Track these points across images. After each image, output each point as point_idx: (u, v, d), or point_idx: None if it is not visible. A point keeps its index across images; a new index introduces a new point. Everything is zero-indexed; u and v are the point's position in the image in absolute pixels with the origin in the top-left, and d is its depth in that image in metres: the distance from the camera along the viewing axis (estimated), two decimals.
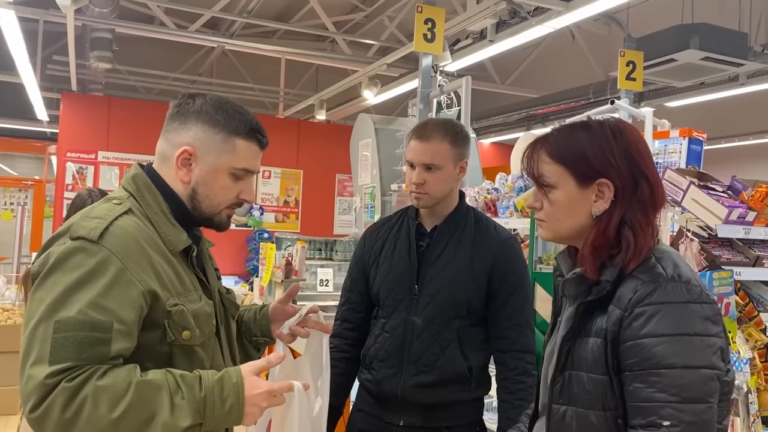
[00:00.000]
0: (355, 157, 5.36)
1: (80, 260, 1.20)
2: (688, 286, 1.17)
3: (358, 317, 2.08)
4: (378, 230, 2.10)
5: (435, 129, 1.94)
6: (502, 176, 3.31)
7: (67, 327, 1.15)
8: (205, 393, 1.21)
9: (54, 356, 1.13)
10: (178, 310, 1.30)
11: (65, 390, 1.12)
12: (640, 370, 1.15)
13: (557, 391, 1.26)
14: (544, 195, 1.29)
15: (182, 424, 1.18)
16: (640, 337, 1.15)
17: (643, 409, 1.14)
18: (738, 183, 2.52)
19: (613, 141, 1.25)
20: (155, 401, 1.17)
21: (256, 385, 1.26)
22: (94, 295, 1.18)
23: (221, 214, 1.42)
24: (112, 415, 1.13)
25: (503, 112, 8.87)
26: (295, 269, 4.77)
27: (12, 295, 4.59)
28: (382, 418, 1.97)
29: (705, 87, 6.53)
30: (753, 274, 2.31)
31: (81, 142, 8.36)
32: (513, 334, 1.94)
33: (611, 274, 1.21)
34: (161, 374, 1.21)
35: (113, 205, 1.32)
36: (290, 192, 9.55)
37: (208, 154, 1.37)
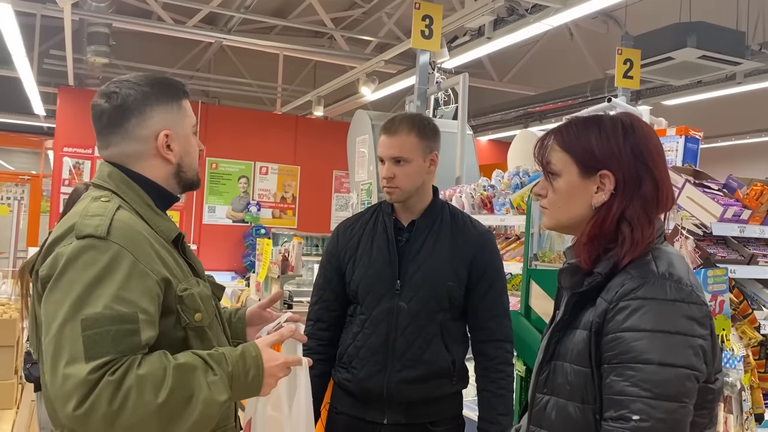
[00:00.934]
0: (352, 154, 5.35)
1: (93, 257, 1.22)
2: (678, 285, 1.17)
3: (331, 316, 2.06)
4: (352, 226, 2.09)
5: (402, 123, 1.97)
6: (498, 173, 3.31)
7: (96, 323, 1.17)
8: (232, 367, 1.28)
9: (90, 353, 1.16)
10: (189, 294, 1.35)
11: (109, 384, 1.15)
12: (618, 363, 1.15)
13: (542, 381, 1.28)
14: (549, 182, 1.33)
15: (221, 398, 1.24)
16: (621, 330, 1.16)
17: (615, 402, 1.14)
18: (733, 181, 2.53)
19: (623, 136, 1.27)
20: (193, 381, 1.22)
21: (273, 357, 1.35)
22: (114, 289, 1.20)
23: (197, 172, 1.51)
24: (158, 401, 1.17)
25: (500, 109, 8.88)
26: (292, 265, 4.77)
27: (8, 289, 4.58)
28: (365, 418, 1.95)
29: (702, 85, 6.54)
30: (747, 272, 2.32)
31: (78, 137, 8.35)
32: (493, 324, 1.97)
33: (604, 267, 1.23)
34: (190, 355, 1.26)
35: (103, 203, 1.33)
36: (287, 188, 9.55)
37: (177, 126, 1.44)
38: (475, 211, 3.22)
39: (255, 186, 9.32)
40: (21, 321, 3.40)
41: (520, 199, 2.86)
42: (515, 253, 3.07)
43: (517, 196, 2.89)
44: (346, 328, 2.02)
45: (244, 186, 9.23)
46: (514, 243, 3.20)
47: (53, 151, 8.79)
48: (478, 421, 1.97)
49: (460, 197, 3.30)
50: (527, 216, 2.56)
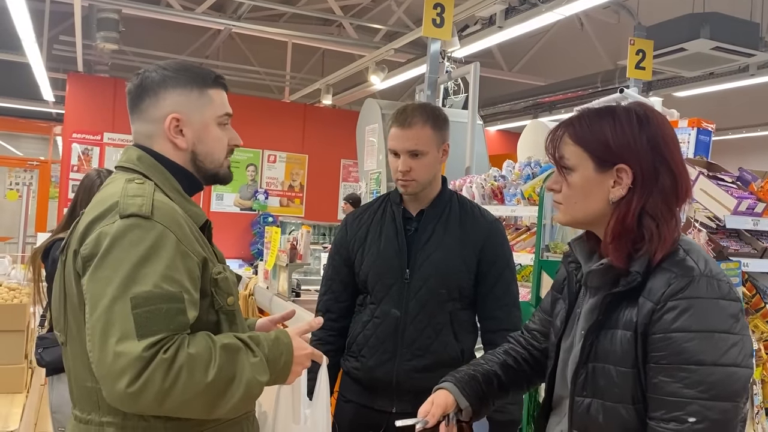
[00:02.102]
0: (361, 143, 5.34)
1: (139, 236, 1.22)
2: (720, 283, 1.16)
3: (340, 306, 2.05)
4: (360, 216, 2.08)
5: (415, 115, 1.93)
6: (509, 164, 3.30)
7: (147, 301, 1.18)
8: (268, 350, 1.30)
9: (142, 330, 1.16)
10: (223, 277, 1.36)
11: (163, 361, 1.16)
12: (668, 364, 1.14)
13: (580, 383, 1.25)
14: (563, 177, 1.29)
15: (263, 379, 1.27)
16: (671, 331, 1.14)
17: (667, 403, 1.13)
18: (747, 174, 2.51)
19: (638, 127, 1.23)
20: (237, 362, 1.24)
21: (303, 346, 1.38)
22: (162, 267, 1.21)
23: (223, 165, 1.48)
24: (207, 379, 1.19)
25: (510, 99, 8.84)
26: (300, 253, 4.77)
27: (18, 274, 4.60)
28: (373, 406, 1.95)
29: (714, 77, 6.49)
30: (760, 266, 2.30)
31: (87, 123, 8.36)
32: (502, 313, 1.97)
33: (640, 266, 1.20)
34: (230, 337, 1.28)
35: (139, 184, 1.32)
36: (295, 176, 9.55)
37: (192, 113, 1.41)
38: (486, 201, 3.21)
39: (263, 174, 9.32)
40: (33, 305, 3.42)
41: (532, 189, 2.85)
42: (526, 244, 3.06)
43: (528, 187, 2.88)
44: (355, 318, 2.02)
45: (252, 174, 9.24)
46: (525, 234, 3.19)
47: (62, 137, 8.81)
48: None
49: (471, 187, 3.28)
50: (539, 207, 2.55)
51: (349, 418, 2.01)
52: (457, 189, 3.43)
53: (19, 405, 3.35)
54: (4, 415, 3.15)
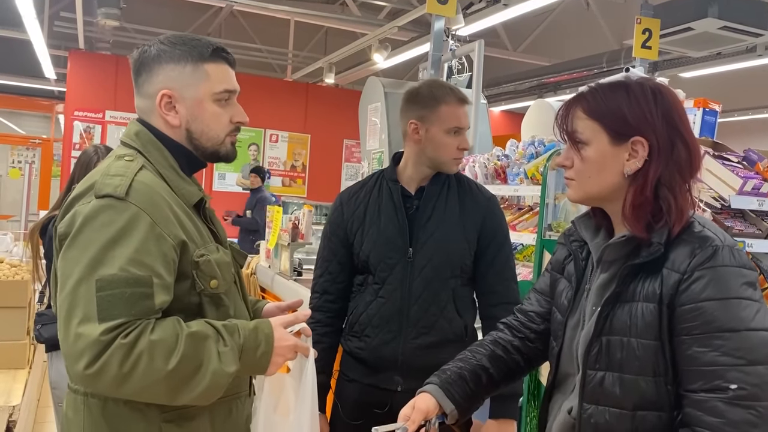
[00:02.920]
0: (363, 122, 5.30)
1: (110, 217, 1.21)
2: (739, 252, 1.17)
3: (338, 288, 2.03)
4: (356, 194, 2.05)
5: (463, 92, 1.97)
6: (512, 143, 3.27)
7: (111, 284, 1.17)
8: (243, 340, 1.27)
9: (103, 314, 1.15)
10: (205, 260, 1.32)
11: (122, 346, 1.15)
12: (701, 334, 1.13)
13: (593, 357, 1.24)
14: (576, 152, 1.27)
15: (229, 370, 1.24)
16: (700, 300, 1.14)
17: (705, 374, 1.13)
18: (754, 154, 2.48)
19: (653, 100, 1.23)
20: (203, 350, 1.22)
21: (285, 338, 1.34)
22: (131, 251, 1.19)
23: (224, 143, 1.42)
24: (168, 367, 1.17)
25: (514, 79, 8.77)
26: (302, 233, 4.77)
27: (20, 251, 4.61)
28: (378, 385, 1.94)
29: (721, 57, 6.42)
30: (765, 246, 2.28)
31: (88, 101, 8.33)
32: (502, 288, 1.97)
33: (660, 237, 1.19)
34: (202, 324, 1.26)
35: (126, 162, 1.31)
36: (297, 156, 9.52)
37: (185, 89, 1.36)
38: (488, 181, 3.18)
39: (265, 154, 9.30)
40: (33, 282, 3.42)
41: (535, 169, 2.82)
42: (528, 223, 3.04)
43: (531, 166, 2.85)
44: (357, 297, 2.01)
45: (254, 153, 9.21)
46: (527, 213, 3.17)
47: (64, 115, 8.78)
48: None
49: (474, 167, 3.26)
50: (543, 186, 2.53)
51: (353, 398, 2.00)
52: (460, 168, 3.40)
53: (21, 381, 3.36)
54: (7, 390, 3.17)
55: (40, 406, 4.37)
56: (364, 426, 1.97)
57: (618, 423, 1.21)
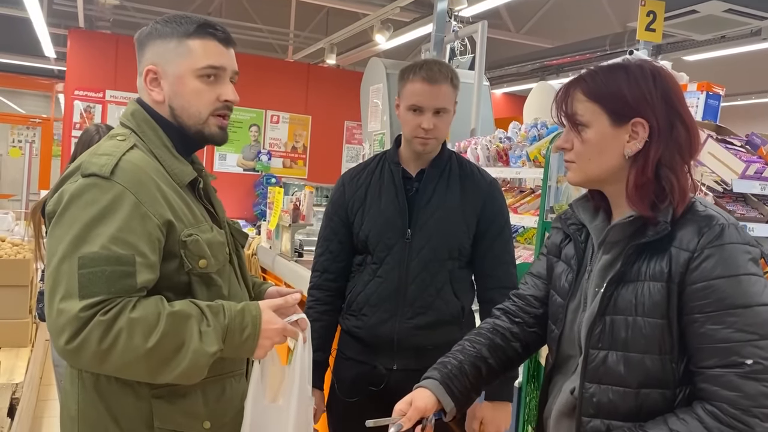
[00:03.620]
0: (365, 103, 5.28)
1: (94, 196, 1.22)
2: (743, 230, 1.19)
3: (338, 267, 2.05)
4: (358, 176, 2.06)
5: (440, 72, 1.90)
6: (515, 125, 3.26)
7: (92, 262, 1.18)
8: (228, 321, 1.27)
9: (84, 291, 1.17)
10: (193, 240, 1.32)
11: (101, 323, 1.17)
12: (714, 311, 1.15)
13: (596, 336, 1.25)
14: (576, 134, 1.27)
15: (210, 350, 1.24)
16: (712, 278, 1.15)
17: (720, 350, 1.15)
18: (757, 138, 2.48)
19: (652, 81, 1.23)
20: (185, 330, 1.22)
21: (273, 320, 1.34)
22: (113, 230, 1.21)
23: (208, 123, 1.40)
24: (147, 345, 1.19)
25: (516, 62, 8.70)
26: (303, 214, 4.77)
27: (21, 230, 4.62)
28: (374, 364, 1.97)
29: (725, 41, 6.37)
30: (766, 231, 2.29)
31: (89, 80, 8.27)
32: (500, 272, 1.99)
33: (666, 216, 1.20)
34: (186, 304, 1.26)
35: (118, 141, 1.33)
36: (298, 138, 9.48)
37: (167, 65, 1.37)
38: (490, 163, 3.18)
39: (266, 135, 9.26)
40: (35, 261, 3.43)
41: (537, 151, 2.82)
42: (530, 206, 3.05)
43: (534, 149, 2.85)
44: (355, 277, 2.02)
45: (255, 134, 9.18)
46: (529, 196, 3.17)
47: (64, 95, 8.73)
48: None
49: (476, 149, 3.25)
50: (545, 168, 2.52)
51: (350, 376, 2.02)
52: (461, 151, 3.40)
53: (24, 359, 3.39)
54: (10, 368, 3.19)
55: (42, 384, 4.40)
56: (360, 403, 2.00)
57: (622, 401, 1.22)
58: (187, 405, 1.35)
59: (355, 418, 2.06)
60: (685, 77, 3.12)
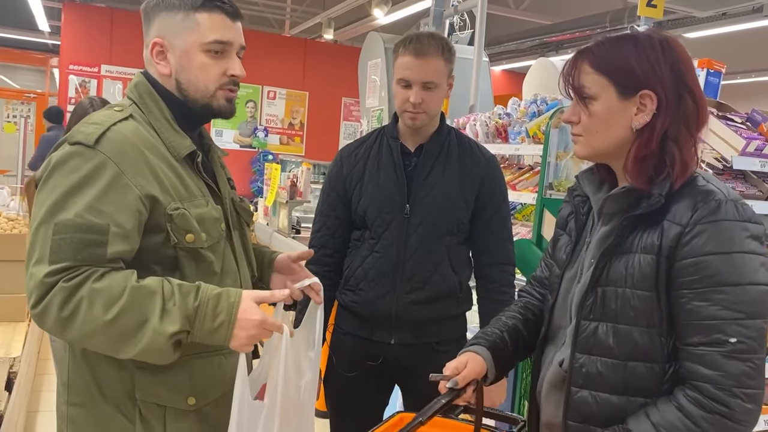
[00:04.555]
0: (363, 79, 5.24)
1: (77, 164, 1.23)
2: (744, 207, 1.16)
3: (336, 242, 2.03)
4: (356, 151, 2.03)
5: (431, 44, 1.86)
6: (514, 101, 3.24)
7: (65, 229, 1.19)
8: (199, 303, 1.23)
9: (53, 256, 1.18)
10: (180, 214, 1.30)
11: (63, 289, 1.17)
12: (702, 288, 1.13)
13: (588, 307, 1.24)
14: (583, 107, 1.25)
15: (169, 330, 1.20)
16: (703, 254, 1.13)
17: (705, 327, 1.13)
18: (758, 114, 2.46)
19: (660, 52, 1.20)
20: (148, 306, 1.20)
21: (251, 311, 1.26)
22: (90, 198, 1.21)
23: (216, 97, 1.38)
24: (106, 317, 1.18)
25: (516, 38, 8.65)
26: (300, 190, 4.76)
27: (16, 205, 4.60)
28: (372, 338, 1.96)
29: (726, 18, 6.32)
30: (766, 208, 2.28)
31: (84, 55, 8.19)
32: (498, 248, 1.99)
33: (661, 189, 1.19)
34: (157, 281, 1.24)
35: (114, 111, 1.33)
36: (295, 114, 9.43)
37: (174, 38, 1.36)
38: (489, 140, 3.16)
39: (263, 111, 9.21)
40: None
41: (537, 127, 2.80)
42: (528, 183, 3.03)
43: (533, 125, 2.83)
44: (353, 252, 2.01)
45: (252, 111, 9.12)
46: (528, 173, 3.16)
47: (59, 69, 8.65)
48: None
49: (475, 125, 3.23)
50: (545, 144, 2.51)
51: (347, 351, 2.03)
52: (460, 127, 3.37)
53: (21, 333, 3.39)
54: (7, 342, 3.20)
55: (40, 358, 4.41)
56: (357, 378, 2.00)
57: (610, 373, 1.22)
58: (171, 379, 1.32)
59: (353, 392, 2.07)
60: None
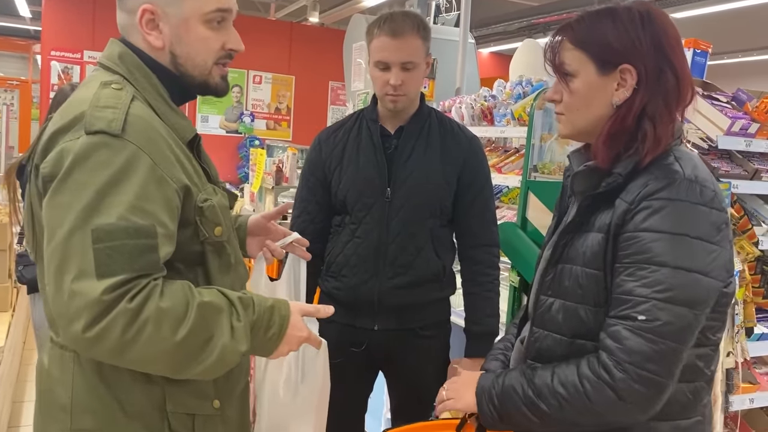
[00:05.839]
0: (348, 62, 5.18)
1: (106, 157, 1.05)
2: (703, 188, 1.12)
3: (316, 228, 1.99)
4: (335, 134, 2.00)
5: (405, 23, 1.82)
6: (500, 83, 3.21)
7: (109, 235, 1.02)
8: (257, 317, 1.16)
9: (102, 269, 1.01)
10: (210, 206, 1.20)
11: (127, 311, 1.02)
12: (630, 263, 1.12)
13: (547, 283, 1.25)
14: (564, 85, 1.23)
15: (241, 348, 1.13)
16: (639, 230, 1.11)
17: (623, 301, 1.12)
18: (743, 94, 2.45)
19: (640, 25, 1.18)
20: (215, 323, 1.11)
21: (299, 327, 1.24)
22: (131, 197, 1.05)
23: (212, 74, 1.26)
24: (175, 338, 1.06)
25: (503, 20, 8.59)
26: (286, 176, 4.73)
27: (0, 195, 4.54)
28: (355, 324, 1.94)
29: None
30: (750, 188, 2.27)
31: (65, 40, 8.06)
32: (481, 229, 1.97)
33: (624, 168, 1.16)
34: (215, 294, 1.14)
35: (115, 90, 1.15)
36: (282, 99, 9.35)
37: (169, 6, 1.19)
38: (475, 122, 3.13)
39: (248, 96, 9.12)
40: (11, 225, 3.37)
41: (522, 109, 2.78)
42: (514, 166, 3.02)
43: (519, 107, 2.81)
44: (334, 238, 1.99)
45: (237, 95, 9.03)
46: (513, 156, 3.14)
47: (41, 56, 8.52)
48: (465, 323, 1.99)
49: (460, 108, 3.20)
50: (529, 126, 2.49)
51: (331, 338, 2.00)
52: (446, 110, 3.34)
53: (5, 323, 3.36)
54: None
55: (25, 348, 4.38)
56: (341, 365, 1.99)
57: (558, 348, 1.22)
58: (197, 385, 1.24)
59: (337, 378, 2.06)
60: None
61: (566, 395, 1.14)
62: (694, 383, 1.18)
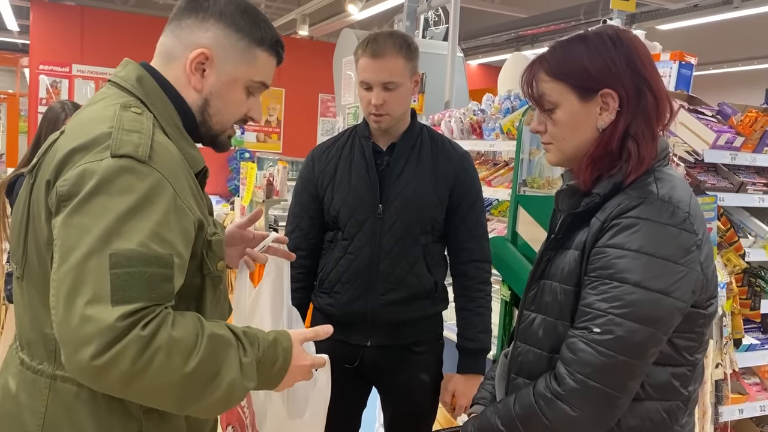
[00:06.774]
0: (338, 76, 5.21)
1: (130, 183, 1.03)
2: (676, 210, 1.13)
3: (309, 244, 2.00)
4: (327, 150, 2.02)
5: (387, 44, 1.84)
6: (488, 97, 3.24)
7: (128, 261, 0.99)
8: (262, 353, 1.14)
9: (118, 295, 0.98)
10: (218, 240, 1.18)
11: (140, 339, 0.98)
12: (596, 277, 1.14)
13: (530, 298, 1.28)
14: (547, 117, 1.25)
15: (250, 385, 1.10)
16: (606, 246, 1.14)
17: (582, 314, 1.15)
18: (728, 107, 2.48)
19: (613, 49, 1.20)
20: (224, 357, 1.07)
21: (303, 357, 1.22)
22: (153, 224, 1.02)
23: (227, 132, 1.28)
24: (185, 369, 1.02)
25: (491, 32, 8.66)
26: (276, 189, 4.73)
27: None
28: (348, 341, 1.94)
29: (698, 9, 6.39)
30: (736, 200, 2.30)
31: (54, 54, 8.05)
32: (473, 245, 1.98)
33: (604, 188, 1.19)
34: (222, 327, 1.11)
35: (136, 114, 1.12)
36: (272, 111, 9.37)
37: (226, 61, 1.20)
38: (464, 136, 3.16)
39: None
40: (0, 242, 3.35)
41: (511, 123, 2.80)
42: (503, 179, 3.04)
43: (507, 121, 2.83)
44: (326, 254, 1.99)
45: None
46: (503, 169, 3.16)
47: (29, 70, 8.49)
48: (457, 338, 2.00)
49: (449, 122, 3.23)
50: (518, 141, 2.51)
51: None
52: (435, 124, 3.37)
53: None
54: None
55: None
56: (334, 381, 1.99)
57: (537, 363, 1.25)
58: (173, 421, 1.19)
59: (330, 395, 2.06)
60: (658, 47, 3.11)
61: (525, 417, 1.19)
62: (669, 402, 1.19)
